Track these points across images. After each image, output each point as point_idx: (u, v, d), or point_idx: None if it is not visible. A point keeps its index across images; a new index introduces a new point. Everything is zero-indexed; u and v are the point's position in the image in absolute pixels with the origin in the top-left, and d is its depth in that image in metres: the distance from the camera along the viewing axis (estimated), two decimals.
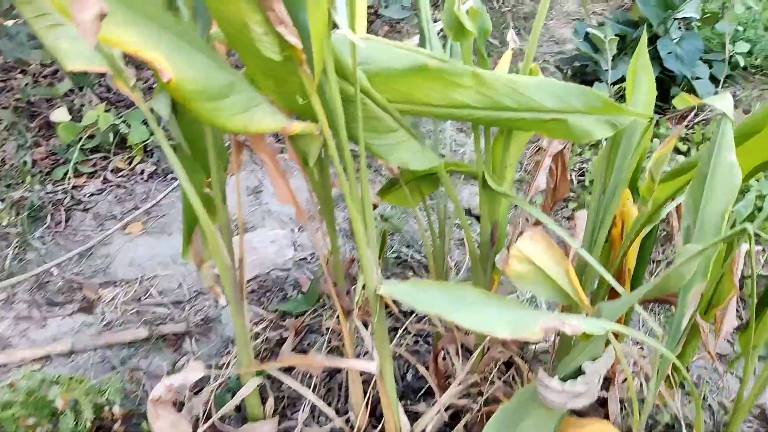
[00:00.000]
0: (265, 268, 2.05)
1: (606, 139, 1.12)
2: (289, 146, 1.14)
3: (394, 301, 1.98)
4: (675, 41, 2.84)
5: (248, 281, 2.01)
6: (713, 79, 2.97)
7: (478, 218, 1.42)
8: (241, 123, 0.90)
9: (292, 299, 1.93)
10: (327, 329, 1.79)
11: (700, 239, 0.98)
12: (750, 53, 3.09)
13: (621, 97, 2.89)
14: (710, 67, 2.97)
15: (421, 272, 2.09)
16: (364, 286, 1.28)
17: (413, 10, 3.95)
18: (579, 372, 0.98)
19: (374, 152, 1.11)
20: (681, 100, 1.01)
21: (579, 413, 1.17)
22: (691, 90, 2.84)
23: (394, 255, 2.15)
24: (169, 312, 1.93)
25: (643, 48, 1.10)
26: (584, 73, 3.06)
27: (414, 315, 1.84)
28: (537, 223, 1.32)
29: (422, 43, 1.55)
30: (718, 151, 0.96)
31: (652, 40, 2.89)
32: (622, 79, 2.83)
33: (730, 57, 2.95)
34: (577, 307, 1.24)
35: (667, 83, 2.90)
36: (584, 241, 1.20)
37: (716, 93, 2.81)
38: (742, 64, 2.92)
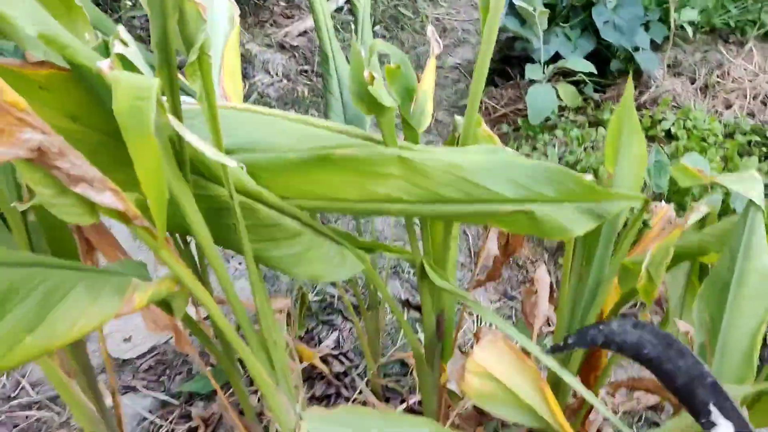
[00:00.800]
0: (163, 336, 1.71)
1: None
2: None
3: (325, 360, 1.70)
4: (612, 8, 2.57)
5: (142, 356, 1.67)
6: (654, 45, 2.72)
7: (418, 308, 1.17)
8: None
9: (200, 375, 1.60)
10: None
11: (724, 368, 0.73)
12: (693, 23, 2.86)
13: (559, 76, 2.62)
14: (647, 29, 2.71)
15: (351, 315, 1.80)
16: None
17: None
18: None
19: (274, 267, 0.81)
20: (681, 173, 0.73)
21: None
22: (632, 62, 2.59)
23: (318, 298, 1.86)
24: None
25: (629, 101, 0.81)
26: (511, 49, 2.77)
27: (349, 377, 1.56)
28: None
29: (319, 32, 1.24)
30: (746, 252, 0.69)
31: (586, 7, 2.62)
32: (557, 56, 2.55)
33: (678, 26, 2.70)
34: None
35: (604, 55, 2.64)
36: (557, 340, 0.93)
37: (659, 64, 2.56)
38: (690, 35, 2.68)
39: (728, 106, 2.59)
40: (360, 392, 1.39)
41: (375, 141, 0.76)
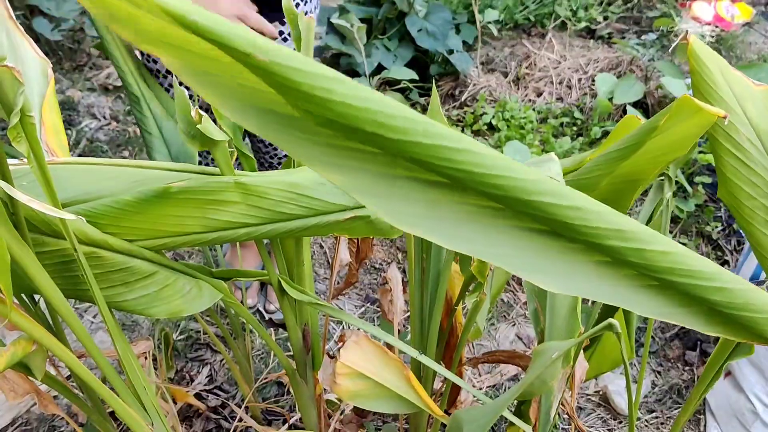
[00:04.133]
0: (24, 403, 1.62)
1: None
2: None
3: (200, 397, 1.69)
4: (423, 16, 2.74)
5: (3, 430, 1.57)
6: (466, 45, 2.93)
7: (283, 326, 1.19)
8: None
9: None
10: None
11: (554, 326, 0.83)
12: (498, 21, 3.10)
13: (386, 86, 2.75)
14: (458, 32, 2.91)
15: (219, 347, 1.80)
16: None
17: None
18: None
19: (131, 310, 0.81)
20: None
21: None
22: (449, 64, 2.77)
23: (184, 336, 1.83)
24: None
25: (435, 106, 0.90)
26: (337, 66, 2.87)
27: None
28: None
29: None
30: None
31: (400, 17, 2.77)
32: (381, 68, 2.68)
33: (484, 26, 2.92)
34: (423, 415, 1.06)
35: (423, 61, 2.81)
36: (413, 336, 1.01)
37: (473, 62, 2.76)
38: (495, 33, 2.91)
39: (539, 94, 2.84)
40: (240, 420, 1.39)
41: (211, 173, 0.79)
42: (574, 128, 2.65)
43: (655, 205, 0.96)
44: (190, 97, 1.18)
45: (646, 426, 1.67)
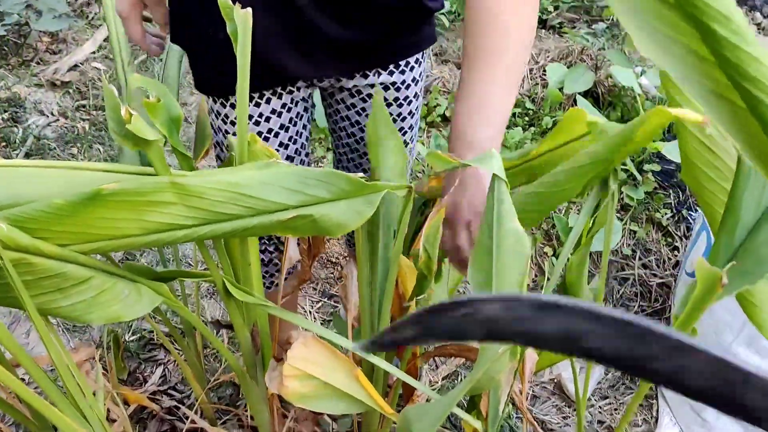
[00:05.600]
0: None
1: None
2: None
3: (155, 398, 1.65)
4: None
5: None
6: None
7: (231, 326, 1.15)
8: None
9: None
10: None
11: None
12: (450, 12, 3.09)
13: None
14: None
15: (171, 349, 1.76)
16: None
17: (75, 15, 3.38)
18: None
19: (66, 317, 0.78)
20: (435, 158, 0.82)
21: None
22: None
23: (136, 337, 1.79)
24: None
25: (379, 101, 0.89)
26: None
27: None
28: None
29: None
30: (499, 219, 0.79)
31: None
32: None
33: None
34: (375, 413, 1.05)
35: None
36: (363, 333, 1.00)
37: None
38: (447, 24, 2.90)
39: None
40: (193, 422, 1.37)
41: (149, 174, 0.77)
42: (526, 119, 2.67)
43: (601, 195, 0.97)
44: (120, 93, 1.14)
45: (600, 412, 1.69)
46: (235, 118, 1.07)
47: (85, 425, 0.82)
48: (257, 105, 1.09)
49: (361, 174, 0.82)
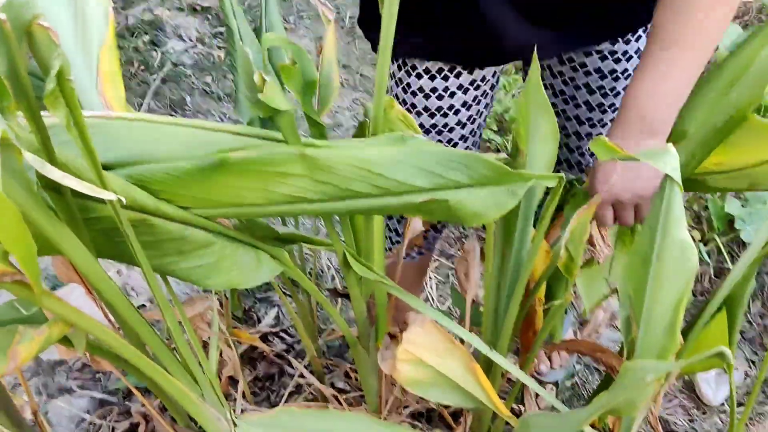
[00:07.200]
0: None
1: None
2: None
3: (266, 339, 1.67)
4: None
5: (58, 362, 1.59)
6: None
7: (347, 296, 1.13)
8: None
9: None
10: None
11: (649, 339, 0.73)
12: None
13: None
14: None
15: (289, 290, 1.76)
16: None
17: None
18: None
19: (185, 279, 0.76)
20: (601, 147, 0.71)
21: None
22: None
23: None
24: None
25: (535, 77, 0.78)
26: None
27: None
28: None
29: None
30: (665, 226, 0.68)
31: None
32: None
33: None
34: (489, 412, 0.98)
35: None
36: (485, 327, 0.92)
37: None
38: None
39: None
40: (302, 375, 1.37)
41: (276, 140, 0.72)
42: None
43: None
44: None
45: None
46: (418, 89, 1.01)
47: (194, 386, 0.81)
48: (445, 78, 1.01)
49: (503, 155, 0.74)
